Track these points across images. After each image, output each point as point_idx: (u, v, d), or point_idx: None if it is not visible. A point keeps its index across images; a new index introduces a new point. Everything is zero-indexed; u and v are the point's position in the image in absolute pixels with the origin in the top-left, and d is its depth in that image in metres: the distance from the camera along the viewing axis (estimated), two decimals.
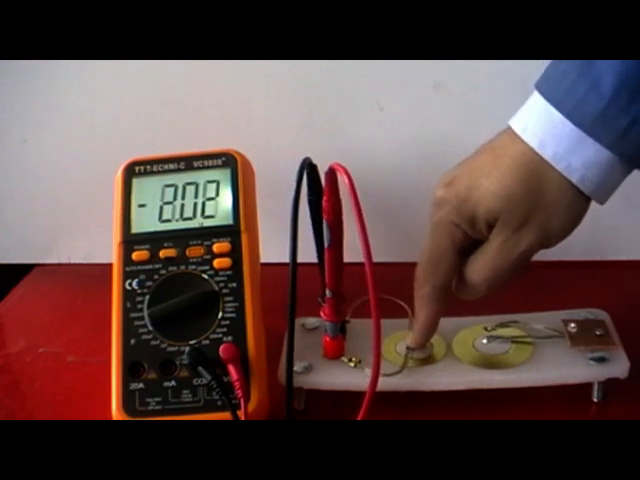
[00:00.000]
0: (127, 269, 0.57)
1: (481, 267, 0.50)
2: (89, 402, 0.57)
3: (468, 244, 0.51)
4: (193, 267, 0.57)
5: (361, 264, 0.47)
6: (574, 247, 0.57)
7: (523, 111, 0.49)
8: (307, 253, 0.56)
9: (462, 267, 0.52)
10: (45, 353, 0.64)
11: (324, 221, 0.52)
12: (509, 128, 0.49)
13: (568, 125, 0.47)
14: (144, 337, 0.55)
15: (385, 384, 0.53)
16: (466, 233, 0.50)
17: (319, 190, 0.53)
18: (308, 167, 0.53)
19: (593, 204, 0.49)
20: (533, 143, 0.48)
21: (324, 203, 0.51)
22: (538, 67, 0.50)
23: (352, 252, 0.47)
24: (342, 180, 0.48)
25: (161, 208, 0.59)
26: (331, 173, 0.49)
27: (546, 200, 0.48)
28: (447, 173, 0.51)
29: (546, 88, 0.48)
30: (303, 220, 0.54)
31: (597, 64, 0.45)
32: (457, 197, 0.49)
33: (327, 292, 0.54)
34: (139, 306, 0.56)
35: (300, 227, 0.52)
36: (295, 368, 0.54)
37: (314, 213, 0.55)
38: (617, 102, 0.45)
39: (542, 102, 0.48)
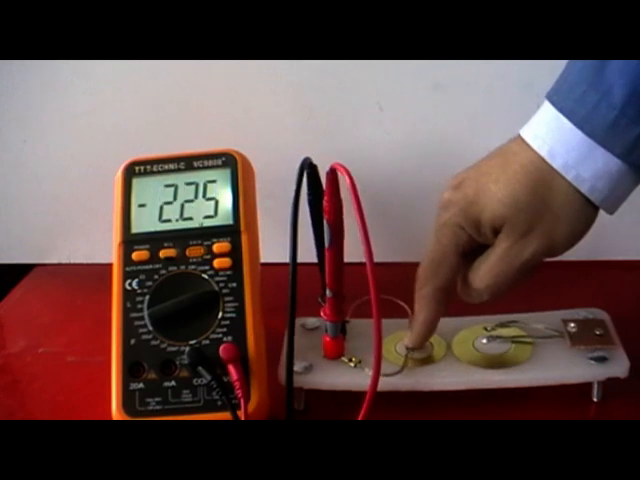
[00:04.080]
0: (127, 269, 0.57)
1: (484, 272, 0.50)
2: (89, 402, 0.57)
3: (472, 247, 0.51)
4: (193, 267, 0.57)
5: (362, 264, 0.47)
6: (574, 247, 0.57)
7: (534, 121, 0.49)
8: (307, 253, 0.56)
9: (466, 271, 0.52)
10: (45, 353, 0.64)
11: (325, 221, 0.52)
12: (519, 136, 0.50)
13: (579, 135, 0.47)
14: (144, 337, 0.55)
15: (385, 384, 0.53)
16: (471, 236, 0.50)
17: (319, 190, 0.53)
18: (308, 167, 0.53)
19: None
20: (543, 152, 0.48)
21: (325, 203, 0.51)
22: (538, 67, 0.50)
23: (353, 252, 0.47)
24: (342, 180, 0.48)
25: (161, 208, 0.59)
26: (332, 173, 0.50)
27: (553, 209, 0.48)
28: (457, 175, 0.51)
29: (557, 98, 0.48)
30: (303, 220, 0.54)
31: (607, 75, 0.46)
32: (464, 200, 0.50)
33: (327, 292, 0.54)
34: (139, 306, 0.56)
35: (300, 227, 0.52)
36: (295, 368, 0.54)
37: (314, 213, 0.55)
38: (628, 112, 0.45)
39: (553, 112, 0.48)
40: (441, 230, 0.51)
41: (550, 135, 0.48)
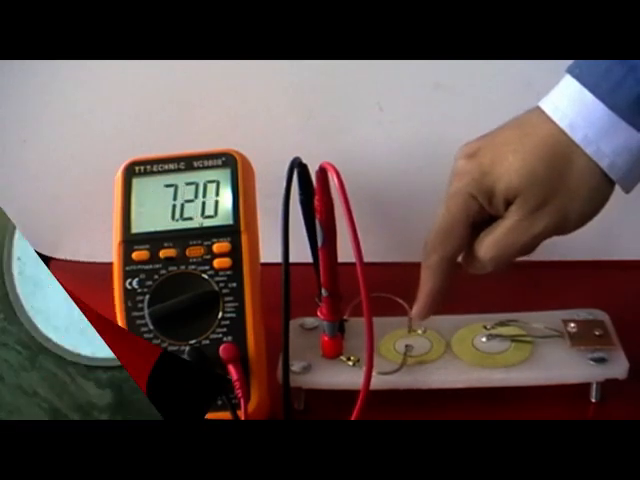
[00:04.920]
0: (127, 269, 0.57)
1: (491, 243, 0.49)
2: None
3: (482, 218, 0.50)
4: (193, 267, 0.57)
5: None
6: (574, 247, 0.57)
7: (554, 94, 0.49)
8: (306, 253, 0.56)
9: (472, 241, 0.51)
10: None
11: (317, 220, 0.52)
12: (538, 108, 0.49)
13: (602, 108, 0.46)
14: (144, 336, 0.55)
15: (384, 382, 0.53)
16: (482, 207, 0.50)
17: (310, 189, 0.53)
18: (298, 167, 0.53)
19: None
20: (563, 124, 0.47)
21: (316, 202, 0.51)
22: (538, 67, 0.50)
23: (350, 251, 0.47)
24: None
25: (161, 208, 0.59)
26: (322, 172, 0.49)
27: (569, 184, 0.47)
28: (470, 143, 0.51)
29: (580, 72, 0.48)
30: (299, 220, 0.54)
31: None
32: (479, 169, 0.49)
33: (323, 291, 0.54)
34: (139, 305, 0.56)
35: (297, 227, 0.52)
36: (294, 368, 0.54)
37: (306, 213, 0.55)
38: None
39: (575, 85, 0.47)
40: (452, 199, 0.50)
41: (571, 108, 0.47)
